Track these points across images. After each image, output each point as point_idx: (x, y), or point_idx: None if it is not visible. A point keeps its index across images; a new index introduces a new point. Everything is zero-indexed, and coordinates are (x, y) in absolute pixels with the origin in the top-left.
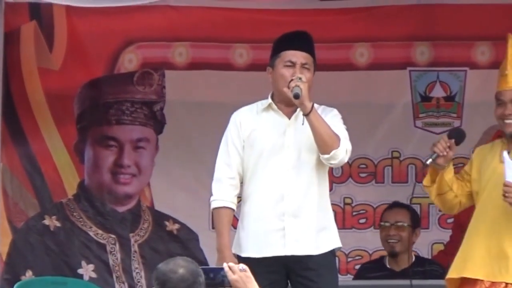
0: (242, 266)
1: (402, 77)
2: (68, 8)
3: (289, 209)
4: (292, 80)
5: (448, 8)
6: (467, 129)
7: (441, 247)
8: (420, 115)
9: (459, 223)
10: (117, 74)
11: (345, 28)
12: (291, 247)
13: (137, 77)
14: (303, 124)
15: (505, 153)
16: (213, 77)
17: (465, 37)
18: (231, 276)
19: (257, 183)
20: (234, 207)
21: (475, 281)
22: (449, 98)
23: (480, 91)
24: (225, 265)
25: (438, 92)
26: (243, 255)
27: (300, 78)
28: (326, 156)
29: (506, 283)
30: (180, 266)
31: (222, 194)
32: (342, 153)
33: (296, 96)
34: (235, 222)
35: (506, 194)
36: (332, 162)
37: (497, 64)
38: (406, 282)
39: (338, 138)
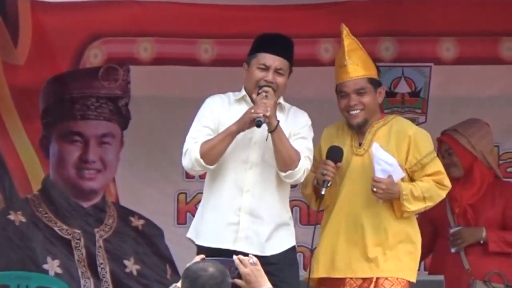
0: (253, 259)
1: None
2: (33, 3)
3: (245, 205)
4: (260, 91)
5: (413, 4)
6: (432, 125)
7: None
8: (385, 111)
9: (426, 217)
10: (82, 69)
11: (310, 24)
12: (240, 244)
13: (102, 72)
14: (266, 140)
15: (374, 148)
16: (178, 73)
17: (430, 32)
18: (242, 269)
19: (219, 175)
20: None
21: (343, 279)
22: (414, 94)
23: (445, 87)
24: (235, 258)
25: (403, 88)
26: (198, 242)
27: (266, 95)
28: (282, 174)
29: (377, 278)
30: (209, 265)
31: (194, 145)
32: (299, 173)
33: (258, 125)
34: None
35: (375, 189)
36: (288, 180)
37: (462, 59)
38: None
39: (298, 159)
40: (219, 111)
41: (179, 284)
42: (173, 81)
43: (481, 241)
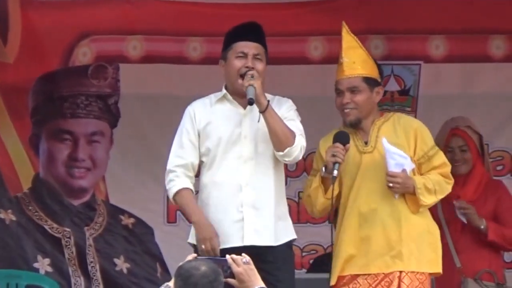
0: (246, 258)
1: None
2: (23, 2)
3: (247, 200)
4: (245, 75)
5: (403, 2)
6: (422, 122)
7: None
8: None
9: None
10: (71, 67)
11: (300, 22)
12: (249, 238)
13: (92, 71)
14: (258, 121)
15: (384, 143)
16: (167, 71)
17: (419, 30)
18: (235, 268)
19: (214, 174)
20: (193, 189)
21: (366, 275)
22: (404, 92)
23: (435, 85)
24: (228, 257)
25: (392, 86)
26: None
27: (252, 76)
28: (280, 153)
29: (400, 272)
30: (202, 264)
31: (178, 180)
32: (297, 150)
33: (251, 103)
34: None
35: (391, 184)
36: (286, 159)
37: (451, 57)
38: None
39: (293, 136)
40: (202, 115)
41: (170, 283)
42: (163, 79)
43: (482, 227)
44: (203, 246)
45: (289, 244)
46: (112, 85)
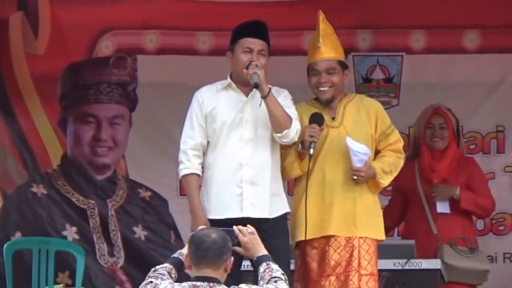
0: (251, 229)
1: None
2: (51, 0)
3: (246, 177)
4: (249, 65)
5: (388, 1)
6: (403, 107)
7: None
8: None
9: (398, 188)
10: (95, 58)
11: (297, 18)
12: (247, 211)
13: (113, 61)
14: (260, 105)
15: (348, 141)
16: (179, 61)
17: (401, 26)
18: (242, 238)
19: (218, 153)
20: (200, 173)
21: (330, 237)
22: (388, 80)
23: (415, 74)
24: (235, 228)
25: (378, 75)
26: (207, 217)
27: (256, 65)
28: (278, 135)
29: (359, 237)
30: (212, 232)
31: (188, 163)
32: (293, 132)
33: (256, 86)
34: None
35: (355, 177)
36: (284, 140)
37: (430, 50)
38: None
39: (290, 120)
40: (209, 100)
41: (183, 250)
42: (175, 68)
43: (454, 197)
44: None
45: (283, 216)
46: (130, 74)
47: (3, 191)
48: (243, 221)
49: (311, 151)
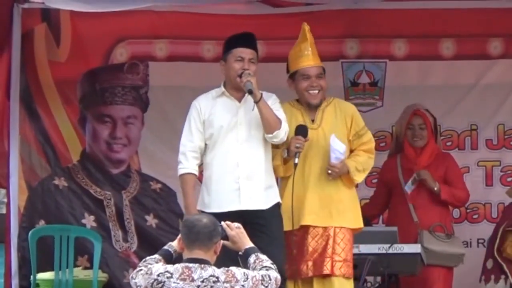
0: (237, 224)
1: (335, 67)
2: (72, 13)
3: (243, 173)
4: (242, 73)
5: (372, 12)
6: (387, 108)
7: (366, 201)
8: (350, 97)
9: (382, 180)
10: (111, 65)
11: (289, 28)
12: (245, 203)
13: (127, 67)
14: (253, 109)
15: (332, 138)
16: (186, 67)
17: (385, 35)
18: (229, 232)
19: (217, 153)
20: (196, 173)
21: (308, 227)
22: (373, 84)
23: (397, 78)
24: (223, 223)
25: (364, 79)
26: (207, 211)
27: (249, 74)
28: (269, 135)
29: (335, 227)
30: (203, 217)
31: (186, 163)
32: (282, 133)
33: (250, 92)
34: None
35: (330, 172)
36: (274, 140)
37: (410, 56)
38: None
39: (280, 121)
40: (206, 107)
41: (173, 243)
42: (183, 73)
43: (435, 188)
44: None
45: (277, 205)
46: (143, 79)
47: (28, 184)
48: (242, 213)
49: (296, 160)
